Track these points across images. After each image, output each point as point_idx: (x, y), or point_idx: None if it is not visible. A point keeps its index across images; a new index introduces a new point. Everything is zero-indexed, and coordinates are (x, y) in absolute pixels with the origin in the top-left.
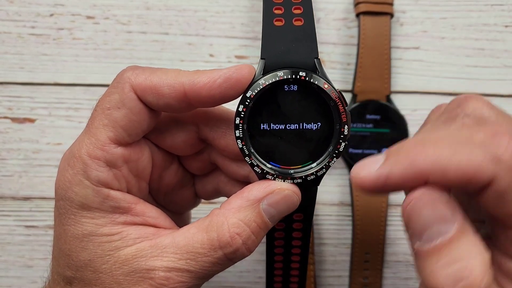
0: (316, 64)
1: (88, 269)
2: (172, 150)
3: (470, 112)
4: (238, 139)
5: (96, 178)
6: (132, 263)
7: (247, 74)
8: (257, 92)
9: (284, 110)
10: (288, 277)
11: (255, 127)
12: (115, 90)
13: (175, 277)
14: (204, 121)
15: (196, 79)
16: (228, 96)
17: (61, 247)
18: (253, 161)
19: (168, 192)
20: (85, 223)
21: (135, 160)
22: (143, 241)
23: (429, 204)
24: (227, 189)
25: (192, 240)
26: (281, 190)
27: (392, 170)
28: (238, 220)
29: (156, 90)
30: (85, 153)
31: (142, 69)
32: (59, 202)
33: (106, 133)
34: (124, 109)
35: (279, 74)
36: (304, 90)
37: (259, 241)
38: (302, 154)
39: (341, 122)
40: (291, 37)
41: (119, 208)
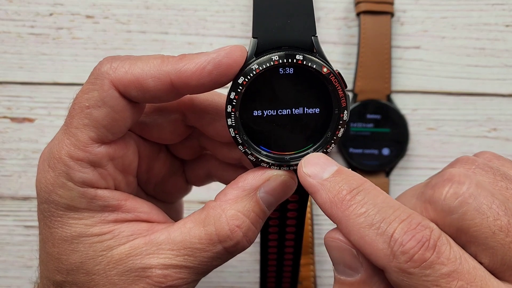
0: (313, 43)
1: (80, 272)
2: (159, 141)
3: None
4: (230, 128)
5: (81, 179)
6: (127, 262)
7: (239, 57)
8: (250, 78)
9: (279, 95)
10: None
11: (248, 114)
12: (93, 87)
13: (173, 274)
14: (190, 108)
15: (183, 67)
16: (219, 83)
17: (48, 251)
18: (247, 149)
19: (158, 182)
20: (73, 225)
21: (120, 156)
22: (137, 238)
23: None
24: (219, 173)
25: (189, 235)
26: (277, 176)
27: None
28: (236, 212)
29: (140, 84)
30: (66, 155)
31: (121, 60)
32: (42, 205)
33: (87, 133)
34: (105, 108)
35: (274, 58)
36: (301, 73)
37: (258, 230)
38: (299, 140)
39: (340, 107)
40: (286, 11)
41: (108, 207)
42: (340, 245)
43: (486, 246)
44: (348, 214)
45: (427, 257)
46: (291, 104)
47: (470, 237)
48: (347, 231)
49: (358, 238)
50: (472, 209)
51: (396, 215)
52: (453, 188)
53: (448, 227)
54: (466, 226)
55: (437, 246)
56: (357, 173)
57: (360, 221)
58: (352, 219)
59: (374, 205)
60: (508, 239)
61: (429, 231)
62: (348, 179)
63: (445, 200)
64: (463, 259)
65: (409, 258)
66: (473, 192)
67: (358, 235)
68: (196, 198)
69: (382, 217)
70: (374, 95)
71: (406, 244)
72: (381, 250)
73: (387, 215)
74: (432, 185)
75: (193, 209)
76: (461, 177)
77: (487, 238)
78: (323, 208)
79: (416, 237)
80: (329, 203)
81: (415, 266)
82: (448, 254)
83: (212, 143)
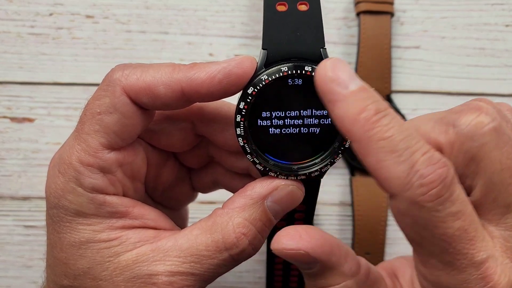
0: (322, 55)
1: (87, 277)
2: (168, 149)
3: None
4: (239, 137)
5: (90, 185)
6: (134, 269)
7: (249, 68)
8: (259, 88)
9: (287, 105)
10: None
11: (257, 123)
12: (105, 94)
13: (179, 281)
14: (199, 117)
15: (194, 75)
16: (229, 92)
17: (56, 256)
18: (255, 159)
19: (165, 189)
20: (81, 230)
21: (129, 163)
22: (144, 245)
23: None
24: (225, 181)
25: (196, 242)
26: (285, 186)
27: None
28: (243, 220)
29: (151, 91)
30: (77, 160)
31: (132, 68)
32: (52, 210)
33: (98, 139)
34: (116, 114)
35: (283, 69)
36: (309, 84)
37: (264, 239)
38: (307, 150)
39: None
40: (295, 23)
41: (116, 213)
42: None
43: (488, 181)
44: (370, 135)
45: (442, 194)
46: (299, 115)
47: (479, 168)
48: (365, 151)
49: (375, 162)
50: (492, 142)
51: (418, 146)
52: (480, 117)
53: (462, 154)
54: (481, 156)
55: (452, 185)
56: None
57: (382, 145)
58: (374, 142)
59: (399, 132)
60: (510, 180)
61: (447, 169)
62: (375, 99)
63: (470, 126)
64: (466, 201)
65: (426, 192)
66: (497, 127)
67: (376, 158)
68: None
69: (406, 145)
70: None
71: (427, 177)
72: (398, 178)
73: (411, 144)
74: (457, 111)
75: (193, 209)
76: (489, 110)
77: (493, 173)
78: (340, 121)
79: (437, 172)
80: (351, 119)
81: (429, 200)
82: (457, 194)
83: (220, 152)
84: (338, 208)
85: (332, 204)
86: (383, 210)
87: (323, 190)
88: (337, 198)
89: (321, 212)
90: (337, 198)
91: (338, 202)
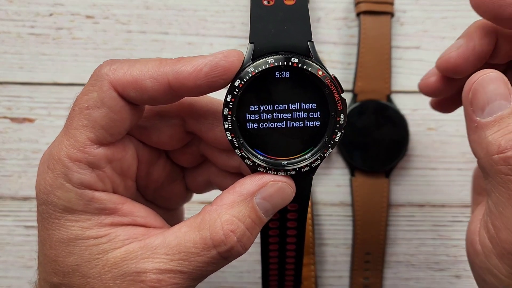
0: (309, 48)
1: (75, 275)
2: (158, 146)
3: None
4: (227, 131)
5: (79, 180)
6: (122, 266)
7: (236, 61)
8: (246, 80)
9: (275, 99)
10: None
11: (245, 117)
12: (93, 88)
13: (167, 279)
14: (189, 114)
15: (180, 68)
16: (215, 86)
17: (46, 253)
18: (243, 153)
19: (158, 188)
20: (70, 227)
21: (119, 159)
22: (132, 242)
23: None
24: (218, 180)
25: (184, 239)
26: (274, 182)
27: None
28: (231, 217)
29: (138, 84)
30: (65, 155)
31: (120, 62)
32: (41, 207)
33: (86, 134)
34: (103, 108)
35: (270, 60)
36: (297, 76)
37: (254, 237)
38: (296, 144)
39: (337, 110)
40: (282, 17)
41: (105, 210)
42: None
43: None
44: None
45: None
46: (288, 108)
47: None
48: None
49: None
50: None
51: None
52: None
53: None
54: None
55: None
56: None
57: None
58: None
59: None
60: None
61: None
62: None
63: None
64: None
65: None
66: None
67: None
68: (196, 199)
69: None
70: (374, 95)
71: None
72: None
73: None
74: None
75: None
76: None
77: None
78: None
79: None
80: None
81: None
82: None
83: (212, 150)
84: (338, 208)
85: (332, 204)
86: (383, 210)
87: (323, 190)
88: (337, 198)
89: (321, 212)
90: (337, 198)
91: (338, 202)
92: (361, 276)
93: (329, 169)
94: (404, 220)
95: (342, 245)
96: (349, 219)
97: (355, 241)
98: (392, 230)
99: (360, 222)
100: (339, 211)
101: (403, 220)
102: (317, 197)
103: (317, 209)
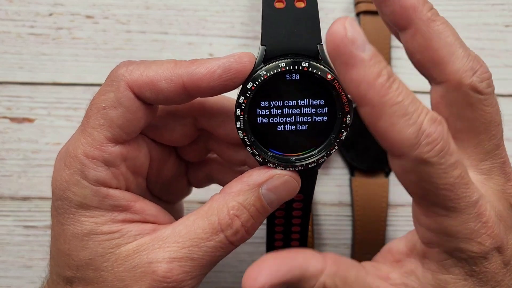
0: (319, 51)
1: (89, 268)
2: (170, 143)
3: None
4: (239, 130)
5: (94, 177)
6: (134, 258)
7: (248, 63)
8: (258, 83)
9: (285, 99)
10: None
11: (256, 117)
12: (110, 89)
13: (178, 268)
14: (201, 112)
15: (194, 70)
16: (228, 87)
17: (59, 247)
18: (254, 151)
19: (165, 183)
20: (84, 222)
21: (133, 158)
22: (144, 236)
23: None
24: (219, 176)
25: (193, 226)
26: (280, 175)
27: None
28: (237, 203)
29: (154, 85)
30: (82, 153)
31: (136, 64)
32: (57, 202)
33: (103, 133)
34: (120, 108)
35: (281, 64)
36: (307, 79)
37: (258, 224)
38: (304, 142)
39: (344, 111)
40: (293, 20)
41: (118, 206)
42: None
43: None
44: (385, 101)
45: (443, 148)
46: (297, 108)
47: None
48: (377, 116)
49: (388, 125)
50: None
51: (422, 107)
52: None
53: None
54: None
55: (448, 138)
56: None
57: (394, 110)
58: (388, 107)
59: (407, 96)
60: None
61: (444, 125)
62: (385, 63)
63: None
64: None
65: (431, 149)
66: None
67: (389, 122)
68: (196, 199)
69: (414, 108)
70: None
71: (431, 136)
72: (407, 140)
73: (417, 106)
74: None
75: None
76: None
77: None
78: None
79: (439, 130)
80: (368, 84)
81: (434, 156)
82: (453, 146)
83: (220, 145)
84: (338, 208)
85: (332, 204)
86: (383, 210)
87: (323, 190)
88: (336, 198)
89: (321, 212)
90: (337, 198)
91: (338, 202)
92: None
93: (329, 169)
94: (404, 220)
95: (342, 245)
96: (348, 219)
97: (354, 241)
98: (392, 230)
99: (360, 222)
100: (338, 211)
101: (403, 220)
102: (317, 197)
103: (316, 209)
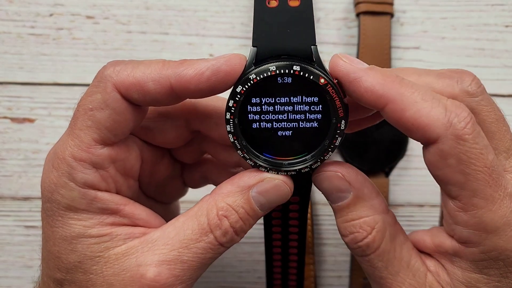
0: (312, 52)
1: (78, 271)
2: (163, 145)
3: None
4: (229, 134)
5: (82, 180)
6: (123, 261)
7: (238, 65)
8: (248, 87)
9: (277, 103)
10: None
11: (247, 121)
12: (97, 90)
13: (166, 272)
14: (193, 114)
15: (182, 71)
16: (217, 89)
17: (50, 249)
18: (245, 154)
19: (159, 185)
20: (73, 225)
21: (122, 159)
22: (133, 240)
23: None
24: (214, 177)
25: (183, 228)
26: (271, 179)
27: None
28: (226, 204)
29: (141, 87)
30: (70, 155)
31: (124, 64)
32: (45, 204)
33: (90, 135)
34: (107, 110)
35: (271, 68)
36: (299, 82)
37: (248, 227)
38: (297, 146)
39: (338, 116)
40: (286, 20)
41: (107, 209)
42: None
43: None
44: (403, 91)
45: (475, 128)
46: (290, 112)
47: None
48: (402, 107)
49: (415, 112)
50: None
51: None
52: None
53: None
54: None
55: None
56: None
57: (415, 96)
58: (408, 96)
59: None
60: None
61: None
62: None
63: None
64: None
65: (464, 126)
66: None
67: (415, 109)
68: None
69: (432, 95)
70: None
71: (460, 114)
72: (438, 120)
73: (434, 94)
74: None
75: None
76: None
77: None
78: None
79: (466, 110)
80: (381, 84)
81: (470, 132)
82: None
83: (214, 147)
84: None
85: None
86: None
87: None
88: None
89: (321, 212)
90: None
91: None
92: (360, 276)
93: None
94: (404, 220)
95: (341, 245)
96: None
97: None
98: None
99: None
100: None
101: (402, 220)
102: (317, 197)
103: (316, 209)
